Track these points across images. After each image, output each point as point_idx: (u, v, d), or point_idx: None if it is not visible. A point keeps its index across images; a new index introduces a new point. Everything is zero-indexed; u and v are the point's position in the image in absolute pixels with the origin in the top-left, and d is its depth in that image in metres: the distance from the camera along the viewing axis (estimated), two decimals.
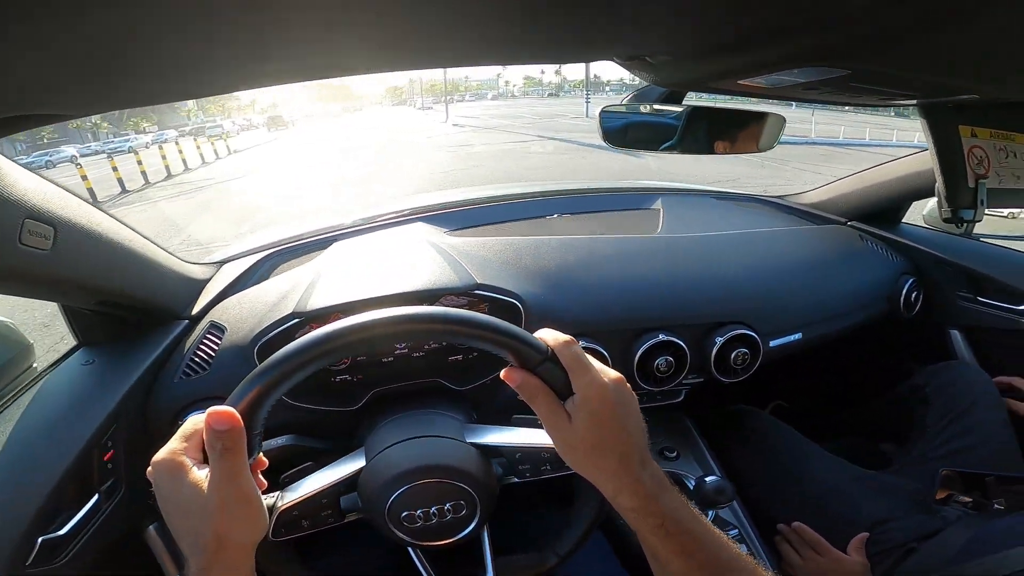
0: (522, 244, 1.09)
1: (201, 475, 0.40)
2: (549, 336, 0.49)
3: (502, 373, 0.48)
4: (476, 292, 0.91)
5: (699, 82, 0.56)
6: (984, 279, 1.24)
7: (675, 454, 1.09)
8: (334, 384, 0.90)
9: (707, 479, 0.86)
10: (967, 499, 0.96)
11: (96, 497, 0.72)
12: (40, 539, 0.63)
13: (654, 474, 0.48)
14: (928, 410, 1.14)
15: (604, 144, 0.86)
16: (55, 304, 0.81)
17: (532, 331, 0.48)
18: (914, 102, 0.67)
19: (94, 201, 0.70)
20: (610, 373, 0.48)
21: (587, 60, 0.52)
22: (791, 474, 1.07)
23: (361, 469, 0.66)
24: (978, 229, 1.40)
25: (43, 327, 3.24)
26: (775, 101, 0.73)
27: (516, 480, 0.68)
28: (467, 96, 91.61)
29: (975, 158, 0.71)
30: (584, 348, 0.94)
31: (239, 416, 0.41)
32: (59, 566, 0.65)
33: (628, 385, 0.50)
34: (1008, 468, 1.01)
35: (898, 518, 0.95)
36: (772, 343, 1.09)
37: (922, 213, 1.47)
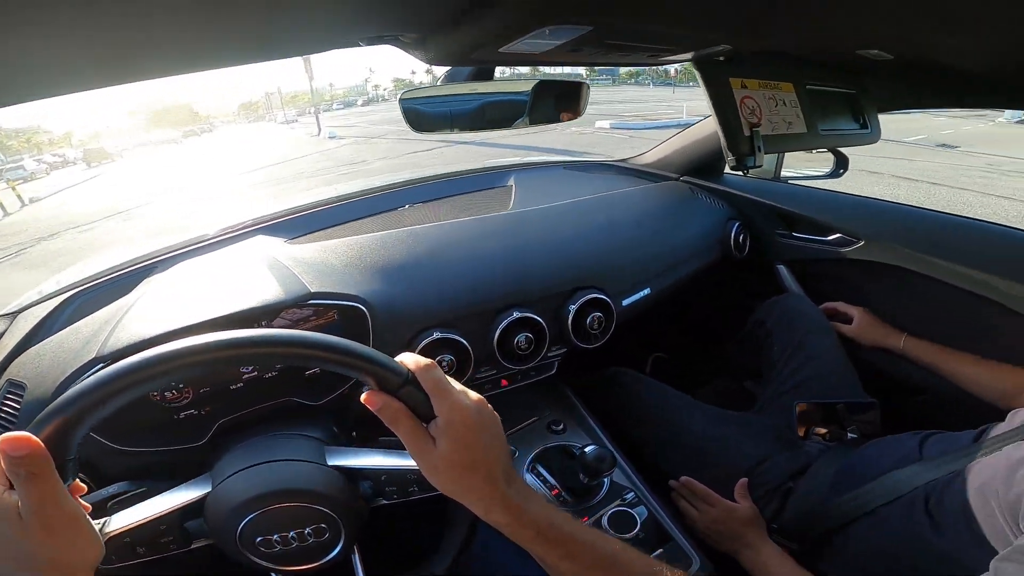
0: (367, 241, 1.04)
1: (12, 500, 0.38)
2: (409, 360, 0.49)
3: (362, 397, 0.48)
4: (311, 303, 0.86)
5: (463, 55, 0.55)
6: (794, 216, 1.38)
7: (561, 427, 1.10)
8: (179, 421, 0.82)
9: (587, 449, 0.88)
10: (824, 431, 1.04)
11: None
12: None
13: (520, 489, 0.50)
14: (773, 343, 1.23)
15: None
16: None
17: (384, 332, 0.50)
18: (687, 57, 0.71)
19: None
20: (471, 395, 0.50)
21: (334, 47, 0.49)
22: (670, 429, 1.10)
23: (207, 495, 0.62)
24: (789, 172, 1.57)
25: None
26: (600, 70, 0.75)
27: (384, 502, 0.67)
28: (335, 105, 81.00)
29: (747, 108, 0.77)
30: (441, 338, 0.93)
31: (37, 440, 0.38)
32: None
33: (489, 406, 0.51)
34: (849, 392, 1.11)
35: (770, 458, 1.00)
36: (624, 302, 1.13)
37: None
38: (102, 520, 0.57)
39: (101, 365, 0.75)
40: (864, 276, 1.30)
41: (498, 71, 0.78)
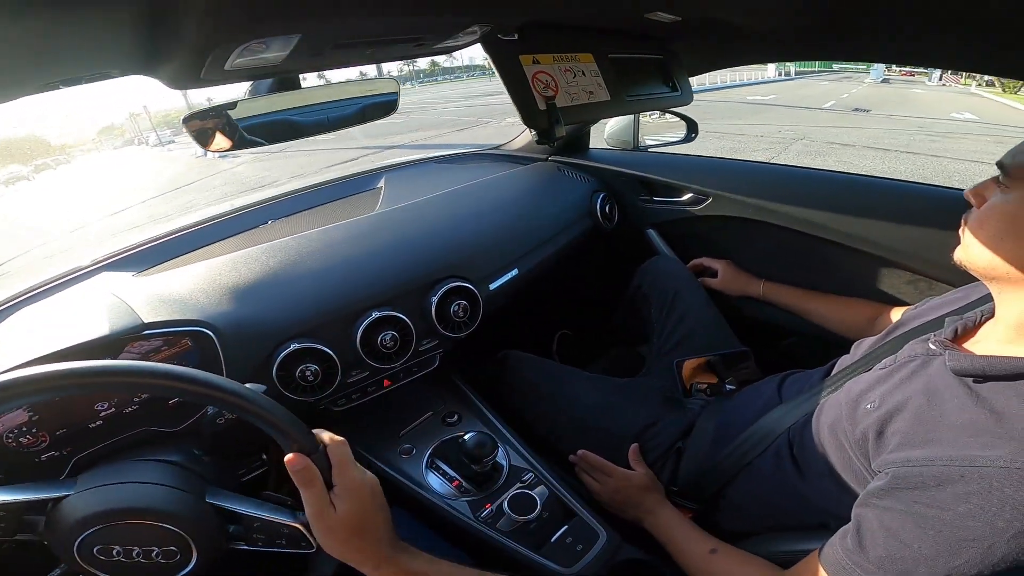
0: (217, 264, 1.01)
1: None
2: (325, 434, 0.59)
3: (286, 457, 0.54)
4: (158, 332, 0.83)
5: (194, 78, 0.53)
6: (651, 182, 1.45)
7: (456, 417, 1.10)
8: (41, 463, 0.79)
9: (466, 437, 0.88)
10: (704, 385, 1.06)
11: None
12: None
13: (403, 547, 0.60)
14: (650, 306, 1.27)
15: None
16: None
17: (235, 352, 0.61)
18: (474, 39, 0.72)
19: None
20: (367, 472, 0.60)
21: (44, 90, 0.47)
22: (560, 403, 1.11)
23: (64, 497, 0.61)
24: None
25: None
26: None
27: (245, 547, 0.66)
28: None
29: (540, 83, 0.79)
30: (304, 348, 0.90)
31: None
32: None
33: (377, 482, 0.61)
34: (724, 343, 1.14)
35: (659, 420, 1.00)
36: (492, 286, 1.14)
37: (603, 136, 1.67)
38: None
39: None
40: (718, 231, 1.38)
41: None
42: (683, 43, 1.12)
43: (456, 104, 23.48)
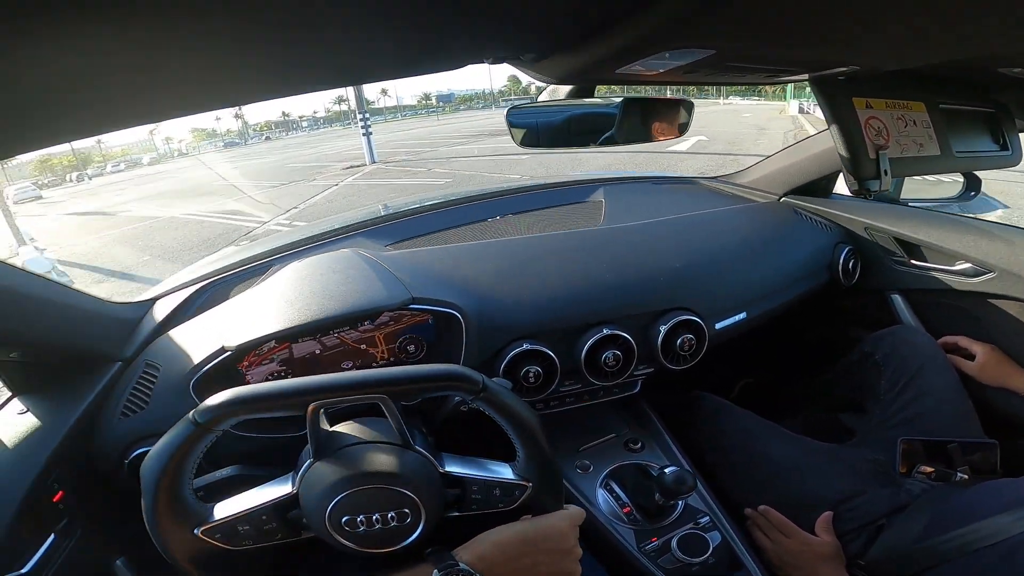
0: (460, 251, 1.08)
1: None
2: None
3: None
4: (412, 307, 0.90)
5: (577, 74, 0.55)
6: (915, 243, 1.26)
7: (639, 445, 1.09)
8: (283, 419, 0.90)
9: (667, 470, 0.86)
10: (930, 470, 0.96)
11: (52, 537, 0.73)
12: None
13: None
14: (880, 377, 1.15)
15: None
16: None
17: (476, 340, 0.71)
18: (804, 77, 0.67)
19: None
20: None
21: (462, 66, 0.52)
22: (751, 456, 1.07)
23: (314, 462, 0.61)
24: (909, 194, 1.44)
25: None
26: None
27: (456, 513, 0.66)
28: (109, 167, 56.21)
29: (873, 129, 0.71)
30: (529, 350, 0.94)
31: None
32: None
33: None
34: (965, 432, 1.03)
35: (863, 493, 0.95)
36: (718, 325, 1.10)
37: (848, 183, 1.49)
38: (210, 506, 0.60)
39: (229, 354, 0.84)
40: (992, 310, 1.17)
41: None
42: (1015, 94, 0.95)
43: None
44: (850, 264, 1.32)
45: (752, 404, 1.33)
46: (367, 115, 15.74)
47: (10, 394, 0.85)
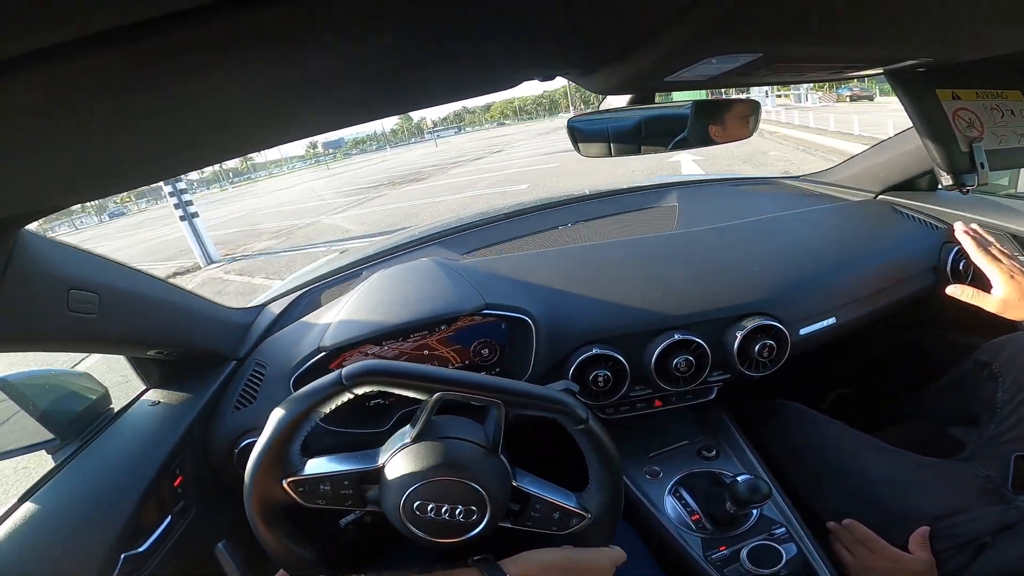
0: (531, 259, 1.12)
1: None
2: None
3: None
4: (485, 312, 0.96)
5: (626, 84, 0.56)
6: None
7: (713, 452, 1.06)
8: (368, 408, 0.97)
9: (740, 479, 0.84)
10: None
11: (169, 518, 0.81)
12: (123, 555, 0.72)
13: None
14: (997, 388, 1.05)
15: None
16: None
17: (545, 344, 0.77)
18: (877, 71, 0.64)
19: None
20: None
21: (511, 85, 0.54)
22: (837, 467, 1.02)
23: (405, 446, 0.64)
24: None
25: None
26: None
27: (510, 526, 0.67)
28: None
29: (963, 121, 0.66)
30: (598, 354, 0.96)
31: None
32: None
33: None
34: None
35: (967, 510, 0.88)
36: (802, 331, 1.05)
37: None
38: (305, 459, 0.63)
39: (324, 354, 0.93)
40: None
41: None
42: None
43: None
44: (960, 265, 1.20)
45: (846, 415, 1.25)
46: (180, 188, 9.33)
47: (145, 387, 0.97)
